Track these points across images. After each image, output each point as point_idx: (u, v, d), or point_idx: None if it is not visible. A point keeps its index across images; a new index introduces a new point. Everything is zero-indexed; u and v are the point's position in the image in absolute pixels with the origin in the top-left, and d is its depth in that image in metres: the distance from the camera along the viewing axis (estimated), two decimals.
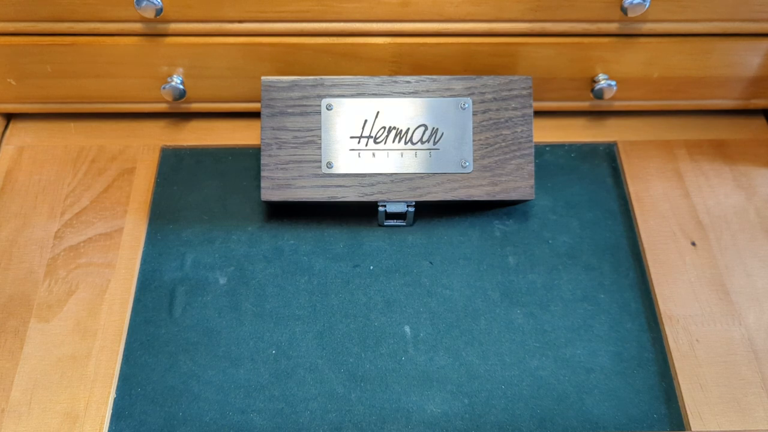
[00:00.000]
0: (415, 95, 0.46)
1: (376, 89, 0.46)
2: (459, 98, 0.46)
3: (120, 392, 0.42)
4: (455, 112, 0.45)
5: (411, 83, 0.46)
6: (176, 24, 0.48)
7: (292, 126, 0.46)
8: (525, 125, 0.45)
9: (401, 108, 0.46)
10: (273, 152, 0.45)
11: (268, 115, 0.46)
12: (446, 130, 0.45)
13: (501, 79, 0.46)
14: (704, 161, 0.53)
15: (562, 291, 0.46)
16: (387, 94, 0.46)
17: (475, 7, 0.47)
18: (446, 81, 0.46)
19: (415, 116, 0.46)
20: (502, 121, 0.45)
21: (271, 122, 0.46)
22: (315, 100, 0.46)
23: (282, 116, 0.46)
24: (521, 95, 0.46)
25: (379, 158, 0.45)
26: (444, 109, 0.46)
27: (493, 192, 0.45)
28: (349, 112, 0.46)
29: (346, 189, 0.45)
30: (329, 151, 0.45)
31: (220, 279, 0.46)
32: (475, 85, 0.46)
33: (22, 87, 0.52)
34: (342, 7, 0.47)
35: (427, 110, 0.46)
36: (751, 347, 0.44)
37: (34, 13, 0.47)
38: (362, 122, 0.46)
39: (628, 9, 0.46)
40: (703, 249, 0.48)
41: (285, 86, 0.46)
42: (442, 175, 0.45)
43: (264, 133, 0.46)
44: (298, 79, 0.46)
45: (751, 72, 0.52)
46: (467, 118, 0.45)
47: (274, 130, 0.46)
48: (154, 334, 0.44)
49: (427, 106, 0.46)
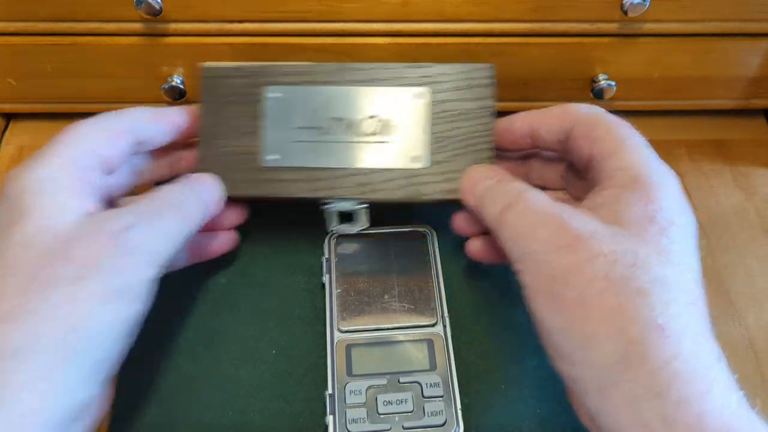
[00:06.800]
0: (368, 83, 0.42)
1: (327, 77, 0.43)
2: (414, 87, 0.42)
3: (120, 392, 0.42)
4: (410, 103, 0.42)
5: (364, 70, 0.43)
6: (176, 24, 0.48)
7: (233, 115, 0.42)
8: (484, 118, 0.42)
9: (352, 97, 0.42)
10: (211, 143, 0.42)
11: (208, 104, 0.43)
12: (400, 121, 0.42)
13: (461, 67, 0.43)
14: (704, 161, 0.53)
15: None
16: (337, 81, 0.43)
17: (475, 7, 0.47)
18: (401, 69, 0.43)
19: (367, 106, 0.42)
20: (460, 113, 0.42)
21: (210, 111, 0.42)
22: (259, 88, 0.43)
23: (223, 105, 0.43)
24: (481, 85, 0.42)
25: (326, 151, 0.42)
26: (398, 99, 0.42)
27: (448, 190, 0.41)
28: (295, 101, 0.42)
29: (290, 184, 0.42)
30: (273, 143, 0.42)
31: (220, 279, 0.46)
32: (432, 74, 0.43)
33: (22, 87, 0.52)
34: (342, 7, 0.47)
35: (379, 100, 0.42)
36: (751, 347, 0.44)
37: (34, 13, 0.47)
38: (309, 112, 0.42)
39: (628, 9, 0.46)
40: (703, 249, 0.48)
41: (227, 73, 0.43)
42: (393, 171, 0.41)
43: (203, 122, 0.42)
44: (241, 66, 0.43)
45: (751, 72, 0.52)
46: (422, 109, 0.42)
47: (214, 120, 0.42)
48: (154, 334, 0.44)
49: (380, 95, 0.42)
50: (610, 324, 0.31)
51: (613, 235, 0.33)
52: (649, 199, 0.34)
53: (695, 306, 0.32)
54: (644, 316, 0.30)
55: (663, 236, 0.33)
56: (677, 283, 0.32)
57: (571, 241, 0.33)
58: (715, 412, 0.28)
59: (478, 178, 0.40)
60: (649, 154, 0.36)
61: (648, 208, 0.33)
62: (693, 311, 0.31)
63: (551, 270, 0.33)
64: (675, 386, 0.29)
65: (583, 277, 0.32)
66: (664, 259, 0.32)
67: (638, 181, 0.35)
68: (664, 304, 0.31)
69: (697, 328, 0.31)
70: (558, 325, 0.33)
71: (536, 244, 0.34)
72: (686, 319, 0.31)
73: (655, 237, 0.33)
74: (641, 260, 0.32)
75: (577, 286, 0.32)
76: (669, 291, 0.31)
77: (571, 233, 0.33)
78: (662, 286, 0.31)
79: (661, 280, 0.31)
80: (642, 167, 0.35)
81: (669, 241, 0.33)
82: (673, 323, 0.30)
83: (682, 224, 0.34)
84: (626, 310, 0.31)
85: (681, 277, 0.32)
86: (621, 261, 0.32)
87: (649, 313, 0.30)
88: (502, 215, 0.36)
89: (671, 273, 0.32)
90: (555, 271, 0.33)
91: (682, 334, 0.30)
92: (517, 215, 0.36)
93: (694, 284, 0.33)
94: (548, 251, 0.33)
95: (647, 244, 0.32)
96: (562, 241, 0.33)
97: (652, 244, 0.32)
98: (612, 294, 0.31)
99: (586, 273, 0.32)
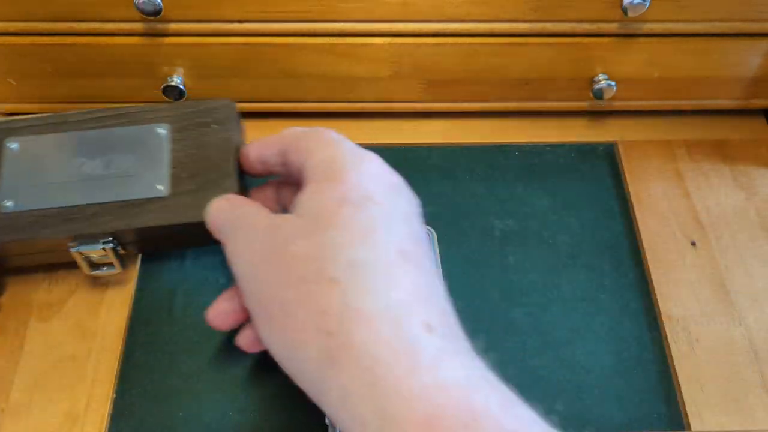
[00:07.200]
0: (110, 127, 0.44)
1: (70, 126, 0.44)
2: (154, 125, 0.44)
3: (120, 392, 0.42)
4: (150, 139, 0.44)
5: (105, 117, 0.45)
6: (176, 24, 0.48)
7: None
8: (226, 150, 0.43)
9: (94, 139, 0.44)
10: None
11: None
12: (142, 156, 0.43)
13: (202, 104, 0.45)
14: (704, 161, 0.53)
15: (562, 291, 0.46)
16: (81, 128, 0.44)
17: (475, 7, 0.47)
18: (140, 112, 0.45)
19: (109, 145, 0.44)
20: (201, 146, 0.44)
21: None
22: (2, 142, 0.44)
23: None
24: (224, 120, 0.44)
25: (67, 191, 0.42)
26: (138, 137, 0.44)
27: (193, 216, 0.41)
28: (35, 149, 0.44)
29: (29, 228, 0.42)
30: (8, 190, 0.42)
31: (220, 279, 0.46)
32: (172, 114, 0.45)
33: (22, 87, 0.52)
34: (342, 7, 0.47)
35: (120, 140, 0.44)
36: (751, 347, 0.44)
37: (34, 13, 0.47)
38: (51, 158, 0.43)
39: (628, 9, 0.46)
40: (703, 249, 0.48)
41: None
42: (137, 202, 0.42)
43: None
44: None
45: (751, 72, 0.52)
46: (163, 144, 0.44)
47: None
48: (154, 334, 0.44)
49: (121, 134, 0.44)
50: (311, 324, 0.30)
51: (308, 232, 0.32)
52: (341, 181, 0.33)
53: (398, 286, 0.30)
54: (338, 303, 0.29)
55: (358, 215, 0.31)
56: (377, 262, 0.30)
57: (267, 253, 0.32)
58: (426, 387, 0.27)
59: (215, 210, 0.38)
60: (346, 146, 0.35)
61: (339, 190, 0.32)
62: (395, 292, 0.30)
63: (257, 284, 0.32)
64: (379, 371, 0.28)
65: (282, 287, 0.31)
66: (360, 239, 0.31)
67: (331, 169, 0.34)
68: (359, 287, 0.30)
69: (396, 306, 0.29)
70: (272, 341, 0.32)
71: (243, 265, 0.33)
72: (382, 298, 0.29)
73: (349, 219, 0.31)
74: (335, 248, 0.31)
75: (278, 297, 0.31)
76: (365, 272, 0.30)
77: (271, 244, 0.32)
78: (358, 268, 0.30)
79: (355, 263, 0.30)
80: (336, 157, 0.34)
81: (367, 219, 0.31)
82: (371, 304, 0.29)
83: (382, 202, 0.33)
84: (321, 303, 0.30)
85: (381, 255, 0.31)
86: (314, 255, 0.31)
87: (341, 299, 0.29)
88: (224, 241, 0.36)
89: (368, 254, 0.31)
90: (259, 285, 0.32)
91: (381, 313, 0.29)
92: (234, 239, 0.35)
93: (400, 259, 0.31)
94: (255, 267, 0.33)
95: (341, 229, 0.31)
96: (264, 254, 0.32)
97: (347, 227, 0.31)
98: (307, 293, 0.30)
99: (284, 280, 0.31)
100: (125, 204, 0.42)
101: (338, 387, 0.29)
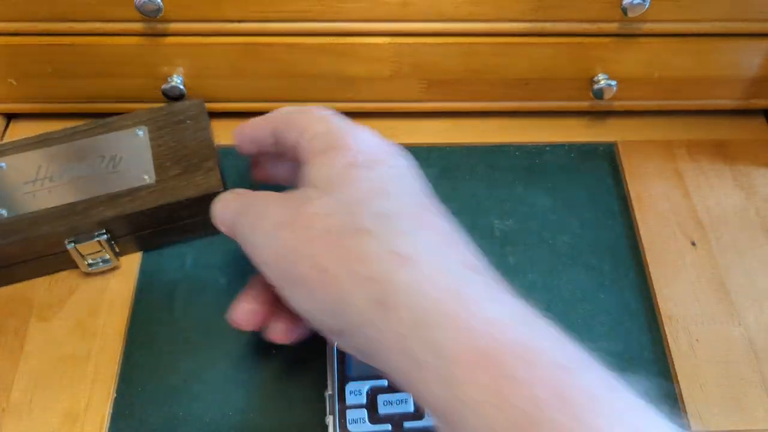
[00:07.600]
0: (92, 136, 0.47)
1: (55, 141, 0.47)
2: (133, 128, 0.48)
3: (120, 392, 0.42)
4: (131, 140, 0.47)
5: (86, 129, 0.48)
6: (176, 24, 0.48)
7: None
8: (203, 140, 0.47)
9: (77, 148, 0.47)
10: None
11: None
12: (125, 155, 0.47)
13: (175, 106, 0.49)
14: (704, 161, 0.53)
15: (562, 291, 0.46)
16: (65, 141, 0.47)
17: (475, 7, 0.47)
18: (118, 120, 0.48)
19: (96, 150, 0.47)
20: (180, 141, 0.47)
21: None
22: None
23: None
24: (196, 117, 0.48)
25: (60, 193, 0.45)
26: (120, 140, 0.47)
27: (182, 194, 0.45)
28: (23, 163, 0.46)
29: (27, 228, 0.44)
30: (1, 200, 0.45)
31: (220, 279, 0.46)
32: (148, 117, 0.48)
33: (22, 87, 0.52)
34: (342, 7, 0.47)
35: (106, 143, 0.47)
36: (751, 347, 0.44)
37: (34, 13, 0.47)
38: (37, 168, 0.46)
39: (628, 9, 0.46)
40: (703, 249, 0.48)
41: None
42: (126, 191, 0.45)
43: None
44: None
45: (751, 72, 0.52)
46: (144, 142, 0.47)
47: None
48: (154, 334, 0.44)
49: (105, 140, 0.47)
50: (350, 274, 0.30)
51: (324, 193, 0.33)
52: (345, 148, 0.34)
53: (428, 229, 0.32)
54: (374, 250, 0.30)
55: (370, 175, 0.33)
56: (402, 212, 0.32)
57: (286, 218, 0.33)
58: (477, 321, 0.28)
59: (223, 202, 0.39)
60: (337, 119, 0.37)
61: (345, 156, 0.34)
62: (426, 233, 0.31)
63: (281, 252, 0.32)
64: (429, 307, 0.28)
65: (308, 244, 0.31)
66: (378, 195, 0.32)
67: (332, 139, 0.35)
68: (391, 232, 0.30)
69: (432, 248, 0.31)
70: (311, 306, 0.32)
71: (262, 237, 0.34)
72: (418, 240, 0.30)
73: (363, 179, 0.33)
74: (357, 203, 0.31)
75: (306, 256, 0.31)
76: (393, 221, 0.31)
77: (287, 211, 0.33)
78: (385, 218, 0.31)
79: (381, 214, 0.31)
80: (331, 129, 0.36)
81: (379, 178, 0.33)
82: (407, 248, 0.30)
83: (390, 163, 0.34)
84: (356, 252, 0.30)
85: (404, 206, 0.32)
86: (336, 210, 0.31)
87: (377, 246, 0.30)
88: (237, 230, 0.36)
89: (392, 205, 0.32)
90: (283, 251, 0.32)
91: (419, 254, 0.30)
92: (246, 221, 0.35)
93: (422, 209, 0.33)
94: (275, 234, 0.33)
95: (357, 189, 0.32)
96: (282, 219, 0.33)
97: (362, 187, 0.32)
98: (338, 245, 0.31)
99: (308, 237, 0.31)
100: (116, 195, 0.45)
101: (390, 330, 0.29)
